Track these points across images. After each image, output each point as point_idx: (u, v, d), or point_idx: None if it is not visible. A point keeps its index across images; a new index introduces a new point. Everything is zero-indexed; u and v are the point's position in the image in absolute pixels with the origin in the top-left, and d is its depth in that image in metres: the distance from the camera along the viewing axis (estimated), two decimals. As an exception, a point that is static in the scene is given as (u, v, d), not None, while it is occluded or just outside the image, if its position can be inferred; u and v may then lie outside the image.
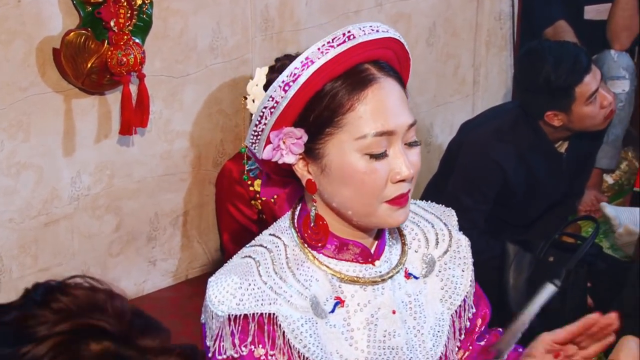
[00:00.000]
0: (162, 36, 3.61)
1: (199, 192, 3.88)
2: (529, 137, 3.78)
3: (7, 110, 3.29)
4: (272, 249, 1.88)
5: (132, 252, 3.75)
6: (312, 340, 1.82)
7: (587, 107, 3.68)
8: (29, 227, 3.42)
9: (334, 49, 1.75)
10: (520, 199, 3.75)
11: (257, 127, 1.81)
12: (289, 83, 1.75)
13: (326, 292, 1.87)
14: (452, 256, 2.02)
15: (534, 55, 3.86)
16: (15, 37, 3.26)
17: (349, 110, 1.77)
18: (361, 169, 1.78)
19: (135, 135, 3.60)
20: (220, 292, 1.80)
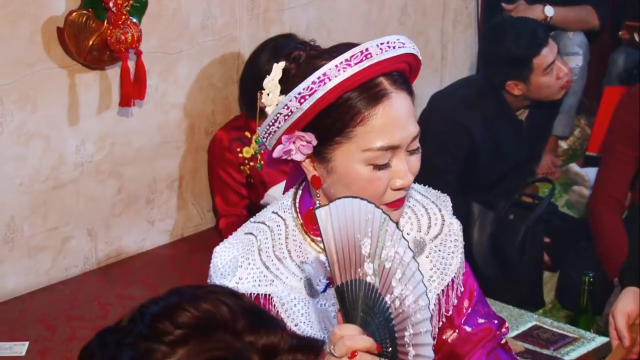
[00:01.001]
0: (157, 16, 3.59)
1: (192, 158, 3.87)
2: (493, 105, 3.79)
3: (16, 84, 3.27)
4: (274, 228, 1.87)
5: (133, 213, 3.75)
6: (303, 319, 1.81)
7: (544, 77, 3.70)
8: (39, 190, 3.41)
9: (351, 68, 1.70)
10: (484, 162, 3.75)
11: (270, 127, 1.78)
12: (305, 96, 1.71)
13: (319, 273, 1.84)
14: (443, 239, 1.96)
15: (496, 30, 3.87)
16: (21, 17, 3.24)
17: (360, 124, 1.73)
18: (365, 177, 1.75)
19: (133, 107, 3.59)
20: (222, 266, 1.81)
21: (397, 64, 1.77)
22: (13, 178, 3.34)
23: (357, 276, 1.56)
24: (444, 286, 1.92)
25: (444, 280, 1.92)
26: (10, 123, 3.29)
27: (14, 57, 3.26)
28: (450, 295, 1.94)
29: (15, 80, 3.27)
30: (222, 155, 3.71)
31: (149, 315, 1.12)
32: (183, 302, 1.12)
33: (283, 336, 1.14)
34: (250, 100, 3.63)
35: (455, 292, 1.95)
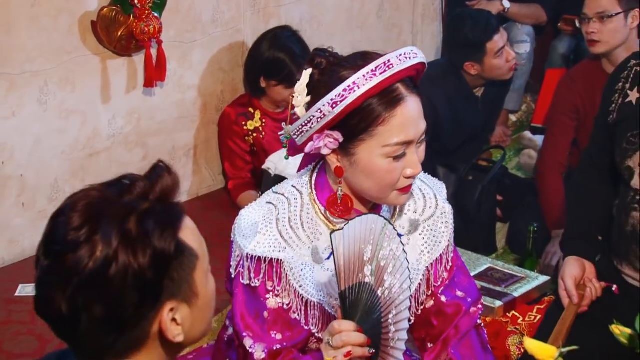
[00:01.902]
0: (175, 11, 3.58)
1: (205, 130, 3.87)
2: (454, 83, 3.78)
3: (57, 68, 3.27)
4: (292, 201, 1.82)
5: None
6: (308, 282, 1.78)
7: (495, 59, 3.69)
8: (77, 157, 3.42)
9: (376, 77, 1.68)
10: (447, 132, 3.72)
11: (302, 127, 1.74)
12: (337, 102, 1.68)
13: (326, 243, 1.80)
14: (435, 220, 1.92)
15: (457, 20, 3.87)
16: (61, 13, 3.24)
17: (381, 124, 1.71)
18: (384, 168, 1.73)
19: (156, 88, 3.58)
20: (245, 228, 1.77)
21: (410, 72, 1.76)
22: (56, 147, 3.35)
23: (357, 280, 1.57)
24: (433, 260, 1.90)
25: (433, 256, 1.90)
26: (53, 101, 3.29)
27: (56, 46, 3.25)
28: (439, 269, 1.91)
29: (56, 65, 3.27)
30: (230, 128, 3.71)
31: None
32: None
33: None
34: (253, 81, 3.66)
35: (444, 267, 1.92)
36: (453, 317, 1.93)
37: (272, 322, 1.76)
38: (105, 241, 1.14)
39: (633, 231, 2.29)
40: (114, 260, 1.13)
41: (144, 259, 1.15)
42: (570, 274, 2.29)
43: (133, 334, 1.20)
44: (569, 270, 2.29)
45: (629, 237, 2.30)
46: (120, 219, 1.16)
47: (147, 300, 1.18)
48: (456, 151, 3.79)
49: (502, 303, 2.82)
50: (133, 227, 1.16)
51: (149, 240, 1.16)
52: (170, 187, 1.25)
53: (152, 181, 1.24)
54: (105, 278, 1.13)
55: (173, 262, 1.19)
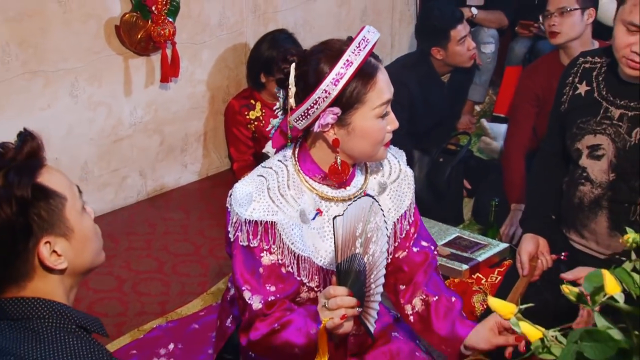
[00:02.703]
0: (187, 16, 3.58)
1: (213, 119, 3.88)
2: (424, 69, 3.73)
3: (86, 66, 3.29)
4: (279, 172, 1.80)
5: (171, 159, 3.76)
6: (298, 239, 1.76)
7: (457, 46, 3.65)
8: (104, 143, 3.44)
9: (362, 51, 1.68)
10: (419, 113, 3.68)
11: (308, 110, 1.71)
12: (338, 79, 1.67)
13: (310, 206, 1.79)
14: (399, 183, 1.92)
15: (427, 10, 3.87)
16: (89, 18, 3.25)
17: (369, 91, 1.70)
18: (378, 128, 1.73)
19: (170, 83, 3.59)
20: (241, 197, 1.75)
21: (372, 47, 1.77)
22: (85, 134, 3.37)
23: (350, 253, 1.58)
24: (399, 216, 1.90)
25: (399, 212, 1.90)
26: (82, 95, 3.31)
27: (85, 47, 3.27)
28: (403, 223, 1.91)
29: (86, 64, 3.28)
30: (234, 117, 3.71)
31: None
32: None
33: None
34: (254, 77, 3.66)
35: (407, 221, 1.92)
36: (422, 263, 1.95)
37: (267, 277, 1.75)
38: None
39: (579, 203, 2.31)
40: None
41: (9, 208, 1.20)
42: (525, 250, 2.31)
43: (18, 266, 1.25)
44: (525, 246, 2.31)
45: (576, 208, 2.33)
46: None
47: (19, 239, 1.22)
48: (428, 136, 3.76)
49: (468, 267, 2.85)
50: (0, 182, 1.21)
51: (12, 191, 1.20)
52: (35, 149, 1.28)
53: (19, 146, 1.27)
54: None
55: (37, 203, 1.23)
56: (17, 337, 1.23)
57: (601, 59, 2.28)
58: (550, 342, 1.12)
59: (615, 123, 2.21)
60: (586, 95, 2.28)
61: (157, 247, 3.24)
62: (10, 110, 3.09)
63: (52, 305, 1.26)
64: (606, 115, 2.23)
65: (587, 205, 2.30)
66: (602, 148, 2.23)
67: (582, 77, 2.31)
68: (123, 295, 2.91)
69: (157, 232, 3.35)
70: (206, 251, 3.21)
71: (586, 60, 2.32)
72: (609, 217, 2.25)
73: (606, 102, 2.24)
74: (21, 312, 1.25)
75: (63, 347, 1.22)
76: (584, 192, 2.30)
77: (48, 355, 1.20)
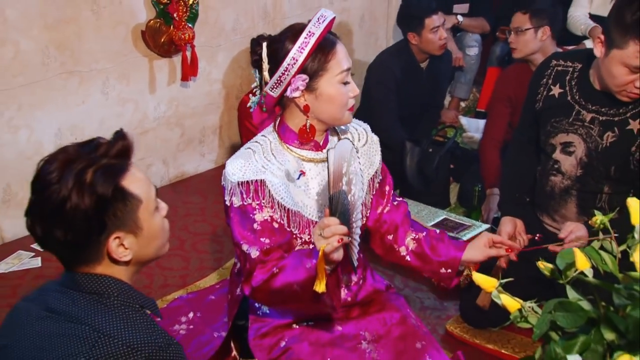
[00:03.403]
0: (205, 22, 3.58)
1: (228, 114, 3.88)
2: (405, 55, 3.69)
3: (116, 67, 3.29)
4: (262, 143, 1.84)
5: (191, 149, 3.77)
6: (285, 195, 1.79)
7: (430, 34, 3.59)
8: (131, 135, 3.42)
9: (322, 23, 1.74)
10: (404, 95, 3.65)
11: (280, 77, 1.76)
12: (303, 47, 1.72)
13: (294, 167, 1.84)
14: (368, 146, 1.97)
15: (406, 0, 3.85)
16: (119, 24, 3.25)
17: (331, 59, 1.75)
18: (342, 92, 1.78)
19: (190, 81, 3.59)
20: (232, 168, 1.78)
21: (331, 24, 1.81)
22: (115, 127, 3.24)
23: (339, 188, 1.61)
24: (371, 175, 1.95)
25: (371, 172, 1.95)
26: (112, 92, 3.31)
27: (114, 50, 3.27)
28: (375, 181, 1.96)
29: (115, 64, 3.29)
30: (246, 112, 3.67)
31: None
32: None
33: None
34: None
35: (378, 179, 1.97)
36: (403, 211, 2.00)
37: (261, 231, 1.77)
38: (65, 185, 1.20)
39: (551, 191, 2.32)
40: (68, 199, 1.20)
41: (90, 201, 1.21)
42: (505, 232, 2.31)
43: (89, 253, 1.27)
44: (504, 228, 2.31)
45: (548, 195, 2.34)
46: (79, 170, 1.21)
47: (94, 230, 1.24)
48: (416, 127, 3.75)
49: None
50: (88, 177, 1.21)
51: (95, 188, 1.21)
52: (125, 148, 1.30)
53: (112, 143, 1.29)
54: (62, 212, 1.20)
55: (114, 204, 1.24)
56: (90, 308, 1.25)
57: (573, 63, 2.25)
58: (528, 312, 1.13)
59: (587, 125, 2.20)
60: (560, 97, 2.25)
61: (178, 227, 3.25)
62: (50, 106, 3.09)
63: (120, 285, 1.30)
64: (578, 118, 2.21)
65: (557, 193, 2.30)
66: (573, 145, 2.23)
67: (555, 80, 2.27)
68: (148, 269, 2.91)
69: (178, 214, 3.35)
70: (221, 231, 3.22)
71: (559, 63, 2.29)
72: (577, 204, 2.26)
73: (579, 105, 2.21)
74: (93, 287, 1.28)
75: (130, 323, 1.24)
76: (555, 182, 2.30)
77: (119, 329, 1.22)
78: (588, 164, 2.21)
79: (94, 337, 1.19)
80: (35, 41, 2.98)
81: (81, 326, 1.21)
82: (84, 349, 1.18)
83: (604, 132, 2.17)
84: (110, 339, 1.19)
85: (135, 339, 1.21)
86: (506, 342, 2.42)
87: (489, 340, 2.44)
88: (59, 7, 3.02)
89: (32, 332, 1.24)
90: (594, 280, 1.09)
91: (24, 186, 3.11)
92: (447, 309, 2.64)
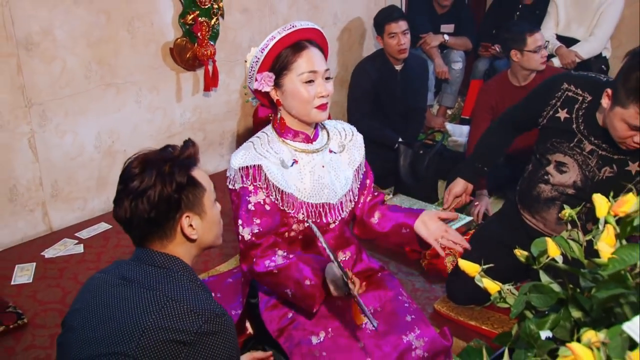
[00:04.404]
0: (224, 41, 3.58)
1: (244, 120, 3.87)
2: (381, 59, 3.68)
3: (147, 79, 3.29)
4: (262, 137, 1.86)
5: (212, 151, 3.77)
6: (280, 179, 1.80)
7: (389, 39, 3.57)
8: (160, 138, 3.45)
9: (285, 31, 1.76)
10: (382, 95, 3.63)
11: (250, 72, 1.81)
12: (264, 48, 1.76)
13: (288, 156, 1.84)
14: (353, 143, 1.97)
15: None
16: (150, 42, 3.26)
17: (295, 61, 1.76)
18: (302, 90, 1.78)
19: (211, 92, 3.59)
20: (235, 157, 1.80)
21: (309, 34, 1.81)
22: (147, 131, 3.38)
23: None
24: (356, 167, 1.96)
25: (354, 166, 1.95)
26: (144, 101, 3.32)
27: (146, 64, 3.27)
28: (359, 172, 1.97)
29: (147, 77, 3.29)
30: (258, 116, 3.70)
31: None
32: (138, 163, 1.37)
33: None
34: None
35: (361, 172, 1.97)
36: (379, 198, 2.02)
37: (254, 212, 1.78)
38: (149, 176, 1.33)
39: (537, 195, 2.28)
40: (153, 186, 1.33)
41: (171, 187, 1.33)
42: (454, 191, 2.24)
43: (166, 228, 1.37)
44: (455, 188, 2.24)
45: (534, 198, 2.29)
46: (159, 164, 1.35)
47: (172, 209, 1.35)
48: (406, 130, 3.71)
49: None
50: (167, 169, 1.34)
51: (174, 177, 1.34)
52: (192, 152, 1.44)
53: (183, 148, 1.43)
54: (148, 195, 1.33)
55: (188, 188, 1.36)
56: (160, 279, 1.33)
57: (583, 93, 2.12)
58: (506, 294, 1.14)
59: (586, 154, 2.13)
60: (565, 122, 2.15)
61: (202, 218, 3.25)
62: (91, 113, 3.11)
63: (185, 265, 1.39)
64: (579, 146, 2.14)
65: (543, 199, 2.27)
66: (567, 167, 2.17)
67: (564, 104, 2.15)
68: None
69: (202, 207, 3.36)
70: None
71: (570, 88, 2.15)
72: (558, 212, 2.22)
73: (581, 135, 2.13)
74: (164, 263, 1.36)
75: (194, 293, 1.32)
76: (543, 189, 2.26)
77: (184, 296, 1.29)
78: (582, 189, 2.15)
79: (163, 300, 1.26)
80: (79, 58, 3.00)
81: (152, 292, 1.28)
82: (154, 309, 1.25)
83: (602, 166, 2.10)
84: (177, 303, 1.26)
85: (197, 305, 1.27)
86: (486, 319, 2.43)
87: (472, 317, 2.44)
88: (100, 28, 3.04)
89: (107, 295, 1.32)
90: (563, 265, 1.10)
91: (69, 183, 3.16)
92: (435, 291, 2.64)
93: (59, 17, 2.88)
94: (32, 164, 2.96)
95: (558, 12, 4.05)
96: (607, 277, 0.99)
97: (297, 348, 1.80)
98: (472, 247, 2.49)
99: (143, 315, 1.25)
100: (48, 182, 3.04)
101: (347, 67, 4.34)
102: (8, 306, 2.40)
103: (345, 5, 4.27)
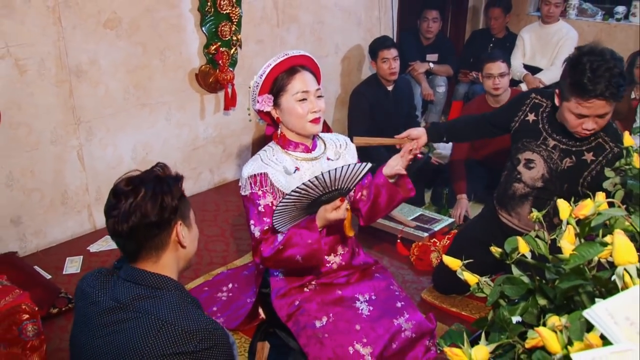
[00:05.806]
0: (242, 67, 3.58)
1: (259, 135, 3.86)
2: (375, 82, 3.66)
3: (175, 100, 3.29)
4: (267, 150, 1.86)
5: (231, 160, 3.75)
6: (284, 184, 1.80)
7: (380, 63, 3.56)
8: (186, 150, 3.44)
9: (279, 58, 1.78)
10: (377, 115, 3.61)
11: (252, 94, 1.83)
12: (262, 74, 1.79)
13: (290, 164, 1.84)
14: (347, 151, 1.97)
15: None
16: (179, 69, 3.27)
17: (291, 82, 1.79)
18: (297, 107, 1.79)
19: (230, 111, 3.59)
20: (245, 168, 1.81)
21: (301, 60, 1.83)
22: (174, 145, 3.38)
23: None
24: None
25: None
26: (173, 118, 3.32)
27: (175, 88, 3.28)
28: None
29: (175, 98, 3.30)
30: (268, 136, 3.69)
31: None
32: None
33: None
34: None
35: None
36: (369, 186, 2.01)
37: (264, 213, 1.78)
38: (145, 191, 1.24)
39: (512, 193, 2.28)
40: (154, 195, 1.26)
41: (172, 200, 1.27)
42: (412, 133, 2.20)
43: (162, 237, 1.28)
44: (414, 131, 2.21)
45: (509, 196, 2.30)
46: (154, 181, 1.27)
47: (171, 214, 1.27)
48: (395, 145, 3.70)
49: (428, 234, 2.84)
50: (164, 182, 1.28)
51: (171, 188, 1.28)
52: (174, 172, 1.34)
53: (165, 169, 1.34)
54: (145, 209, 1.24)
55: (181, 199, 1.30)
56: (154, 302, 1.23)
57: (547, 101, 2.19)
58: (483, 285, 1.15)
59: (549, 150, 2.17)
60: (532, 123, 2.21)
61: (221, 220, 3.26)
62: (129, 129, 3.13)
63: (175, 283, 1.29)
64: (544, 142, 2.18)
65: (517, 196, 2.27)
66: (534, 162, 2.20)
67: (531, 109, 2.21)
68: (198, 251, 2.80)
69: (221, 210, 3.36)
70: (254, 222, 3.22)
71: (536, 97, 2.22)
72: (531, 206, 2.23)
73: (546, 133, 2.18)
74: (155, 283, 1.27)
75: (186, 312, 1.23)
76: (517, 188, 2.27)
77: (177, 317, 1.20)
78: (548, 179, 2.17)
79: (158, 325, 1.18)
80: (119, 82, 3.02)
81: (147, 316, 1.20)
82: (151, 334, 1.17)
83: (564, 157, 2.13)
84: (172, 326, 1.18)
85: (190, 325, 1.19)
86: (466, 306, 2.42)
87: (453, 304, 2.44)
88: (137, 57, 3.06)
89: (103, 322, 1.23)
90: (532, 260, 1.10)
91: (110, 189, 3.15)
92: (422, 282, 2.64)
93: (103, 49, 2.91)
94: (79, 173, 2.98)
95: (525, 45, 4.12)
96: (568, 271, 0.99)
97: (303, 331, 1.82)
98: (454, 244, 2.51)
99: (140, 341, 1.17)
100: (93, 188, 3.06)
101: (347, 89, 4.35)
102: (61, 292, 2.44)
103: (345, 36, 4.28)
